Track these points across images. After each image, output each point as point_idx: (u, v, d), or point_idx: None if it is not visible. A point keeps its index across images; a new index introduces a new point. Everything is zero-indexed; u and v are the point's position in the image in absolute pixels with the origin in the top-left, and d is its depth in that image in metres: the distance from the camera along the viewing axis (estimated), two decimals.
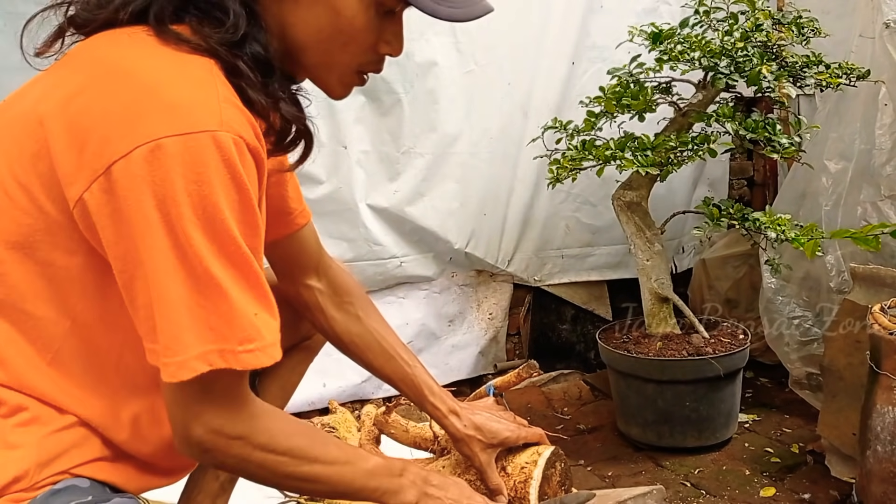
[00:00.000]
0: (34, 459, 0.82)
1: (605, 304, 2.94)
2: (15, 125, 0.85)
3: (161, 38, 0.83)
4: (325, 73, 0.97)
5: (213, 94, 0.80)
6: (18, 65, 1.84)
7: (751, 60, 2.04)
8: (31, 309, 0.85)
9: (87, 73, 0.83)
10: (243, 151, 0.80)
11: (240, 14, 0.85)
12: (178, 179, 0.76)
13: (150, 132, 0.76)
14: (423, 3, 0.89)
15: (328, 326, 1.29)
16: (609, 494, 1.66)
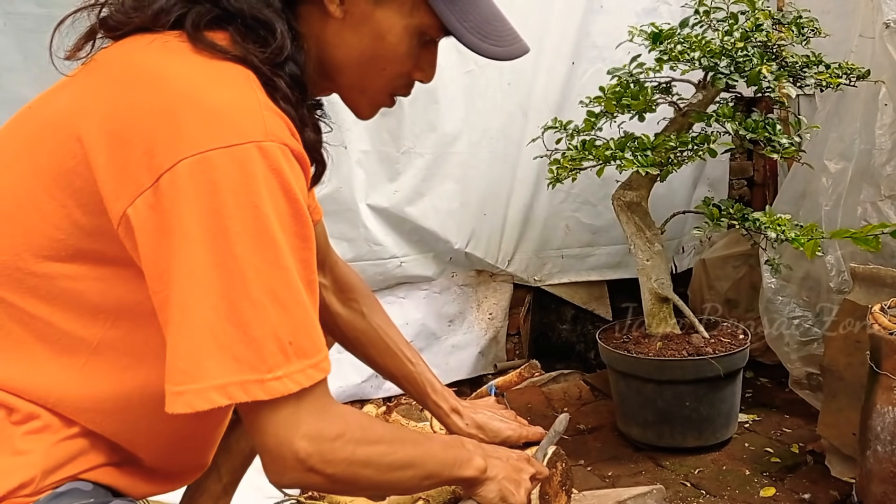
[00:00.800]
0: (41, 466, 0.82)
1: (605, 304, 2.94)
2: (48, 138, 0.83)
3: (195, 44, 0.81)
4: (358, 94, 0.98)
5: (254, 102, 0.79)
6: (19, 65, 1.86)
7: (751, 60, 2.04)
8: (59, 323, 0.84)
9: (123, 83, 0.81)
10: (290, 159, 0.79)
11: (285, 35, 0.85)
12: (227, 193, 0.74)
13: (195, 144, 0.74)
14: (468, 40, 0.91)
15: (332, 322, 1.30)
16: (609, 494, 1.67)
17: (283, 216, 0.77)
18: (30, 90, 1.87)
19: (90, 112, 0.80)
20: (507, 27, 0.95)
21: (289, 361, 0.77)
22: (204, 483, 1.27)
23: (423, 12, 0.90)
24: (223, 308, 0.75)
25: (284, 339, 0.77)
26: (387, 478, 0.91)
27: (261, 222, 0.75)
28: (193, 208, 0.74)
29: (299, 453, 0.80)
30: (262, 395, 0.76)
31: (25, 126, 0.88)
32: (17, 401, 0.84)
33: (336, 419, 0.84)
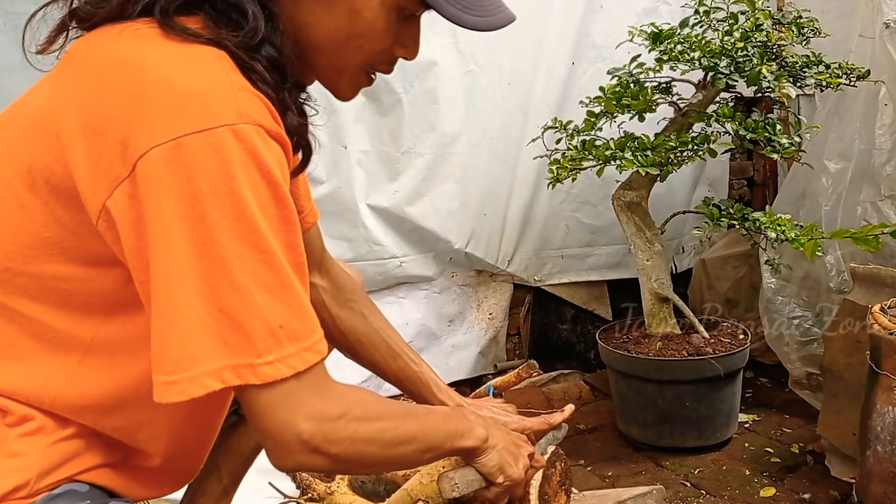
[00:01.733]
0: (36, 468, 0.82)
1: (605, 304, 2.94)
2: (27, 136, 0.82)
3: (165, 30, 0.80)
4: (336, 74, 0.95)
5: (227, 83, 0.77)
6: (18, 65, 1.84)
7: (751, 60, 2.04)
8: (51, 321, 0.84)
9: (95, 74, 0.80)
10: (266, 140, 0.77)
11: (258, 16, 0.83)
12: (202, 179, 0.73)
13: (168, 130, 0.73)
14: (447, 10, 0.87)
15: (333, 325, 1.28)
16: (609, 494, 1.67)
17: (263, 199, 0.76)
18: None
19: (65, 107, 0.80)
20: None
21: (281, 346, 0.76)
22: (204, 484, 1.27)
23: None
24: (209, 295, 0.74)
25: (274, 324, 0.76)
26: (389, 453, 0.91)
27: (240, 207, 0.74)
28: (170, 196, 0.73)
29: (302, 435, 0.79)
30: (254, 380, 0.75)
31: (7, 126, 0.88)
32: (11, 403, 0.84)
33: (337, 398, 0.83)
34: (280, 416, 0.78)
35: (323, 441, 0.81)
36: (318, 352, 0.80)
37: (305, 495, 1.73)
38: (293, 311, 0.78)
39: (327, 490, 1.69)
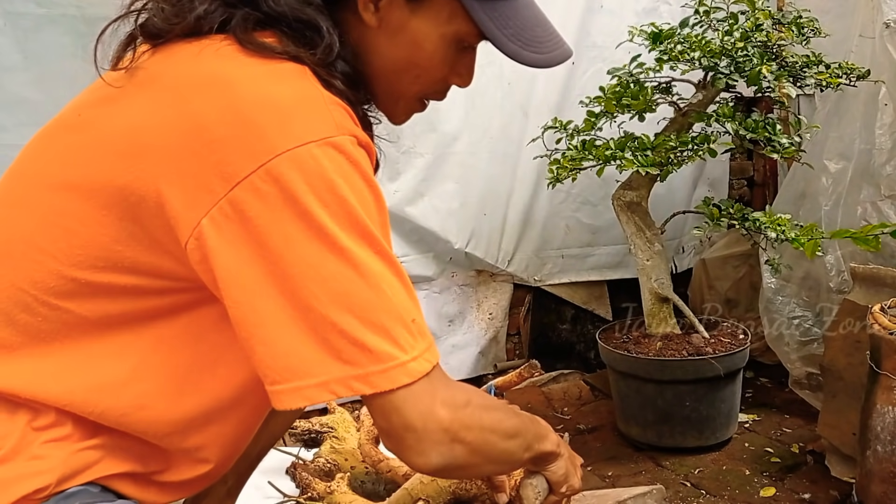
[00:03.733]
0: (58, 474, 0.82)
1: (605, 303, 2.94)
2: (105, 153, 0.81)
3: (245, 46, 0.80)
4: (392, 100, 0.96)
5: (318, 98, 0.79)
6: (18, 64, 1.86)
7: (751, 60, 2.04)
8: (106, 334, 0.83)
9: (182, 93, 0.79)
10: (359, 149, 0.79)
11: (332, 32, 0.84)
12: (312, 191, 0.73)
13: (271, 148, 0.73)
14: (508, 48, 0.89)
15: None
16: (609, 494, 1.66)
17: (369, 204, 0.78)
18: (29, 90, 1.88)
19: (150, 126, 0.78)
20: (549, 32, 0.93)
21: (416, 340, 0.78)
22: None
23: (462, 20, 0.89)
24: (342, 300, 0.74)
25: (408, 319, 0.77)
26: (505, 445, 0.91)
27: (352, 214, 0.75)
28: (283, 210, 0.73)
29: (443, 422, 0.80)
30: (407, 379, 0.76)
31: (68, 139, 0.86)
32: (46, 407, 0.83)
33: (459, 387, 0.85)
34: (421, 407, 0.78)
35: (461, 427, 0.82)
36: (434, 345, 0.82)
37: (305, 494, 1.73)
38: (416, 306, 0.80)
39: (327, 489, 1.69)
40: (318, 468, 1.81)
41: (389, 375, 0.76)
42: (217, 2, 0.83)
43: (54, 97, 1.88)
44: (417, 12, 0.88)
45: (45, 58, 1.84)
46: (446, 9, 0.88)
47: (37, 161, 0.88)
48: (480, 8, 0.88)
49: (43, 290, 0.82)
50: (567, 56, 0.94)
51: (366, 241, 0.76)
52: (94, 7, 1.84)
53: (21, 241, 0.84)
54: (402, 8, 0.88)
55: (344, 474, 1.75)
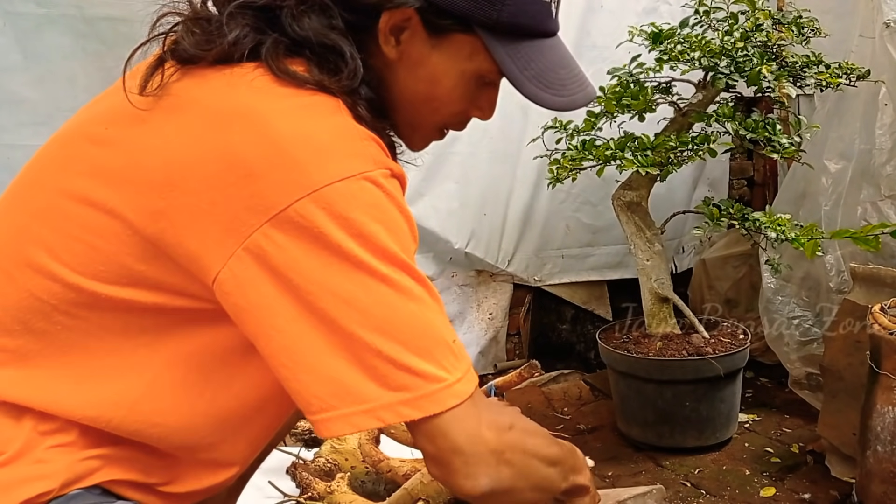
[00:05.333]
0: (61, 479, 0.82)
1: (605, 304, 2.94)
2: (134, 178, 0.80)
3: (277, 76, 0.80)
4: (410, 130, 0.97)
5: (354, 133, 0.79)
6: (18, 65, 1.85)
7: (751, 60, 2.04)
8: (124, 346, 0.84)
9: (216, 125, 0.78)
10: (392, 181, 0.80)
11: (356, 57, 0.84)
12: (351, 223, 0.74)
13: (309, 182, 0.74)
14: (528, 90, 0.90)
15: None
16: (609, 494, 1.66)
17: (404, 235, 0.79)
18: (29, 90, 1.88)
19: (182, 156, 0.78)
20: (572, 73, 0.93)
21: (459, 361, 0.78)
22: None
23: (483, 58, 0.88)
24: (387, 327, 0.75)
25: (449, 340, 0.78)
26: (545, 472, 0.90)
27: (389, 245, 0.76)
28: (324, 242, 0.74)
29: (490, 443, 0.79)
30: (454, 401, 0.76)
31: (94, 151, 0.85)
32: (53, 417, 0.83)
33: (502, 410, 0.86)
34: (468, 429, 0.78)
35: (507, 448, 0.81)
36: (471, 362, 0.82)
37: (305, 494, 1.73)
38: (451, 329, 0.81)
39: (327, 489, 1.69)
40: (319, 468, 1.81)
41: (437, 398, 0.76)
42: (247, 27, 0.83)
43: (54, 97, 1.90)
44: (438, 48, 0.88)
45: (45, 58, 1.83)
46: (468, 46, 0.88)
47: (57, 170, 0.87)
48: (502, 48, 0.88)
49: (62, 300, 0.82)
50: (590, 98, 0.94)
51: (403, 269, 0.77)
52: (93, 7, 1.84)
53: (39, 251, 0.83)
54: (423, 43, 0.87)
55: (344, 474, 1.75)
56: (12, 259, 0.85)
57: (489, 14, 0.85)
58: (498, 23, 0.86)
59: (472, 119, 1.01)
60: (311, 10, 0.84)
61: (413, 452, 1.61)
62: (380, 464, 1.69)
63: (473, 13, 0.85)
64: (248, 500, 1.39)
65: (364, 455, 1.75)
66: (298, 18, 0.83)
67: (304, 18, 0.83)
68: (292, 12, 0.83)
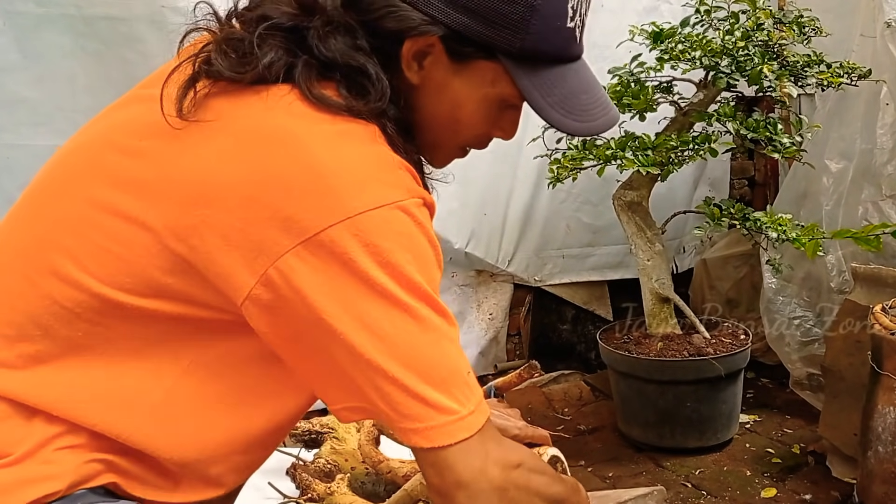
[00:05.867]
0: (69, 481, 0.82)
1: (606, 304, 2.94)
2: (167, 194, 0.81)
3: (312, 103, 0.81)
4: (432, 150, 0.98)
5: (390, 161, 0.80)
6: (18, 64, 1.85)
7: (752, 60, 2.04)
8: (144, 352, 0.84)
9: (253, 148, 0.79)
10: (423, 210, 0.81)
11: (382, 77, 0.84)
12: (380, 251, 0.75)
13: (344, 208, 0.75)
14: (550, 116, 0.89)
15: None
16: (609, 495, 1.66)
17: (430, 265, 0.80)
18: (28, 90, 1.87)
19: (217, 175, 0.79)
20: (595, 99, 0.93)
21: (472, 393, 0.79)
22: None
23: (506, 83, 0.89)
24: (406, 356, 0.77)
25: (464, 372, 0.80)
26: None
27: (414, 274, 0.77)
28: (351, 268, 0.75)
29: (495, 481, 0.80)
30: (465, 434, 0.78)
31: (125, 162, 0.85)
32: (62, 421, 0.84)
33: (511, 447, 0.85)
34: (476, 463, 0.79)
35: (512, 487, 0.82)
36: (482, 394, 0.83)
37: (305, 495, 1.73)
38: (466, 360, 0.82)
39: (327, 490, 1.69)
40: (319, 469, 1.81)
41: (447, 430, 0.77)
42: (280, 49, 0.83)
43: (53, 97, 1.89)
44: (461, 73, 0.88)
45: (45, 57, 1.83)
46: (490, 72, 0.88)
47: (84, 179, 0.86)
48: (525, 74, 0.88)
49: (86, 308, 0.82)
50: (612, 123, 0.94)
51: (424, 300, 0.78)
52: (93, 7, 1.83)
53: (64, 259, 0.83)
54: (446, 68, 0.88)
55: (344, 475, 1.74)
56: (35, 266, 0.85)
57: (512, 42, 0.85)
58: (521, 50, 0.86)
59: None
60: (336, 31, 0.84)
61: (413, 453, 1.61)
62: (380, 465, 1.69)
63: (497, 42, 0.85)
64: (247, 500, 1.39)
65: (364, 456, 1.74)
66: (324, 39, 0.84)
67: (331, 39, 0.84)
68: (318, 33, 0.84)
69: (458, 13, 0.84)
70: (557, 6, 0.86)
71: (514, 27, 0.84)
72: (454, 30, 0.84)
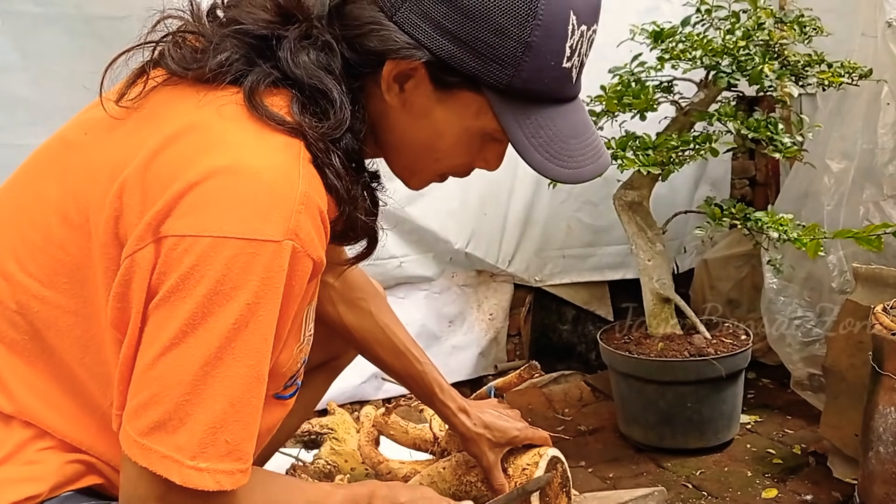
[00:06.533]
0: (52, 482, 0.82)
1: (607, 304, 2.93)
2: (97, 181, 0.80)
3: (250, 110, 0.78)
4: (408, 174, 0.96)
5: (291, 195, 0.75)
6: (16, 64, 1.84)
7: (753, 59, 2.03)
8: (90, 362, 0.83)
9: (171, 138, 0.78)
10: (299, 261, 0.76)
11: (345, 107, 0.81)
12: (223, 283, 0.73)
13: (213, 226, 0.73)
14: (532, 158, 0.84)
15: (339, 322, 1.29)
16: (610, 496, 1.66)
17: (270, 317, 0.75)
18: (27, 89, 1.87)
19: (135, 165, 0.78)
20: (584, 143, 0.87)
21: (220, 458, 0.74)
22: None
23: (490, 118, 0.84)
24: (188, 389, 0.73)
25: (221, 436, 0.74)
26: None
27: (244, 317, 0.74)
28: (186, 284, 0.73)
29: None
30: (177, 480, 0.73)
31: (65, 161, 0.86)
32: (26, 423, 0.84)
33: None
34: (140, 493, 0.76)
35: None
36: (238, 482, 0.77)
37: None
38: (247, 431, 0.76)
39: None
40: (318, 469, 1.81)
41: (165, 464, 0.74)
42: (237, 54, 0.81)
43: (52, 97, 1.89)
44: (444, 102, 0.84)
45: (44, 57, 1.83)
46: (475, 104, 0.84)
47: (38, 176, 0.88)
48: (511, 112, 0.83)
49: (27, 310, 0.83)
50: (600, 171, 0.89)
51: (241, 352, 0.74)
52: (92, 6, 1.83)
53: (9, 258, 0.84)
54: (428, 95, 0.84)
55: (344, 476, 1.74)
56: None
57: (500, 78, 0.81)
58: (509, 87, 0.81)
59: None
60: (312, 47, 0.81)
61: (412, 454, 1.61)
62: (379, 465, 1.68)
63: (483, 75, 0.81)
64: None
65: (364, 457, 1.74)
66: (296, 54, 0.81)
67: (302, 55, 0.81)
68: (291, 46, 0.81)
69: (445, 40, 0.80)
70: (554, 45, 0.80)
71: (504, 62, 0.80)
72: (439, 57, 0.80)
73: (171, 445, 0.73)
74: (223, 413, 0.74)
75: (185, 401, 0.73)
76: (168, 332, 0.73)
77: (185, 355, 0.73)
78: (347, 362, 1.38)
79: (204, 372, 0.73)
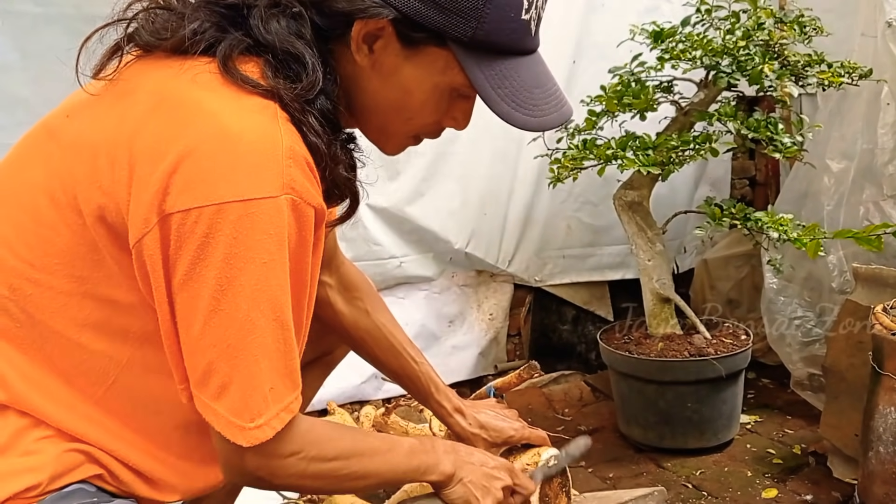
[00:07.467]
0: (50, 472, 0.83)
1: (607, 304, 2.93)
2: (82, 159, 0.83)
3: (224, 75, 0.81)
4: (384, 136, 0.98)
5: (278, 151, 0.78)
6: (16, 64, 1.84)
7: (753, 59, 2.03)
8: (87, 342, 0.85)
9: (150, 112, 0.80)
10: (302, 210, 0.80)
11: (317, 69, 0.84)
12: (234, 246, 0.76)
13: (211, 194, 0.76)
14: (499, 108, 0.88)
15: (337, 321, 1.29)
16: (610, 496, 1.66)
17: (282, 268, 0.79)
18: (27, 89, 1.87)
19: (119, 136, 0.80)
20: (547, 93, 0.91)
21: (268, 407, 0.81)
22: None
23: (457, 72, 0.88)
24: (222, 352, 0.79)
25: (266, 387, 0.81)
26: (341, 487, 1.00)
27: (264, 276, 0.78)
28: (202, 254, 0.76)
29: (249, 469, 0.84)
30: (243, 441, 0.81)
31: (49, 144, 0.87)
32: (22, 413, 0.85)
33: (294, 438, 0.86)
34: (233, 449, 0.83)
35: (269, 474, 0.86)
36: (291, 411, 0.84)
37: (304, 497, 1.73)
38: (284, 373, 0.82)
39: None
40: None
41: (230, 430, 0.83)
42: (209, 23, 0.83)
43: (52, 96, 1.87)
44: (412, 59, 0.87)
45: (43, 57, 1.83)
46: (441, 59, 0.87)
47: (25, 164, 0.89)
48: (476, 65, 0.86)
49: (20, 294, 0.85)
50: (564, 119, 0.93)
51: (266, 304, 0.79)
52: (92, 6, 1.83)
53: (3, 246, 0.85)
54: (396, 53, 0.87)
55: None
56: None
57: (464, 31, 0.84)
58: (473, 39, 0.85)
59: (472, 118, 1.00)
60: (281, 14, 0.84)
61: None
62: None
63: (448, 29, 0.84)
64: (247, 500, 1.38)
65: None
66: (267, 21, 0.83)
67: (273, 22, 0.83)
68: (262, 13, 0.83)
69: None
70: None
71: (466, 15, 0.83)
72: (405, 14, 0.83)
73: (231, 409, 0.80)
74: (266, 368, 0.80)
75: (233, 365, 0.79)
76: (204, 301, 0.77)
77: (225, 321, 0.78)
78: (341, 357, 1.38)
79: (241, 334, 0.78)
